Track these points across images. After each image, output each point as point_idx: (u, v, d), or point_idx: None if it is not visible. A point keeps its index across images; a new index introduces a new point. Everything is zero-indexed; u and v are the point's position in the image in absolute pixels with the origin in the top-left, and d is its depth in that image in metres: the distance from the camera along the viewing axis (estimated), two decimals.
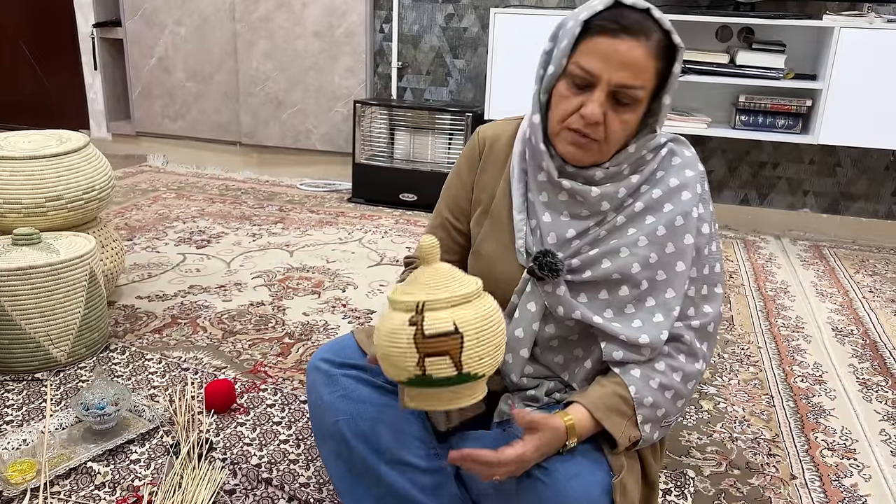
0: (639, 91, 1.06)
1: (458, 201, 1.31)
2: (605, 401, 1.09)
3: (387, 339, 0.93)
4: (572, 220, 1.16)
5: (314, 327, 2.12)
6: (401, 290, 0.96)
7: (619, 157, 1.13)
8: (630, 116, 1.08)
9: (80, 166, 2.04)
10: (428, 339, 0.90)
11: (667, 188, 1.14)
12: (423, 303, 0.92)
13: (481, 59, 3.51)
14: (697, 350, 1.14)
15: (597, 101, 1.06)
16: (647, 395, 1.10)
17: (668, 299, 1.12)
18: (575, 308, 1.14)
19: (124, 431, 1.56)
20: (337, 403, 1.20)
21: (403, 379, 0.94)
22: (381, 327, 0.95)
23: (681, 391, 1.13)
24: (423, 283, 0.95)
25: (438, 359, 0.90)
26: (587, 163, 1.13)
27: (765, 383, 1.92)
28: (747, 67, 2.98)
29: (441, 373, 0.91)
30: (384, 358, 0.95)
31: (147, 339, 2.01)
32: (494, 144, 1.27)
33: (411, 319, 0.91)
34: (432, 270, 0.96)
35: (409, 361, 0.91)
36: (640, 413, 1.09)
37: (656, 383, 1.11)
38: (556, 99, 1.11)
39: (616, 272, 1.12)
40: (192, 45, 3.87)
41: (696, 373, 1.15)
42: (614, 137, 1.09)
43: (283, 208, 3.38)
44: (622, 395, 1.10)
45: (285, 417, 1.65)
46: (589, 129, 1.08)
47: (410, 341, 0.90)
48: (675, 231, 1.13)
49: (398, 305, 0.94)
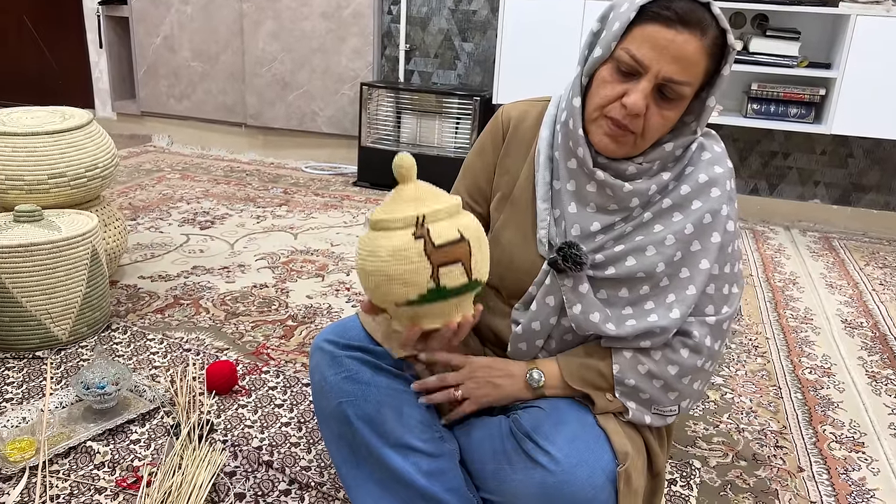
0: (685, 88, 1.02)
1: (478, 183, 1.27)
2: (580, 371, 1.13)
3: (393, 259, 0.90)
4: (598, 214, 1.13)
5: (317, 310, 2.10)
6: (386, 210, 0.94)
7: (654, 154, 1.10)
8: (672, 113, 1.05)
9: (84, 143, 2.01)
10: (438, 248, 0.90)
11: (696, 184, 1.11)
12: (424, 215, 0.91)
13: (490, 42, 3.47)
14: (704, 347, 1.12)
15: (642, 91, 1.01)
16: (631, 377, 1.10)
17: (687, 296, 1.10)
18: (593, 306, 1.11)
19: (125, 411, 1.55)
20: (341, 385, 1.18)
21: (414, 296, 0.91)
22: (378, 250, 0.92)
23: (673, 384, 1.11)
24: (411, 198, 0.94)
25: (451, 267, 0.91)
26: (619, 155, 1.09)
27: (772, 374, 1.90)
28: (760, 55, 2.94)
29: (454, 281, 0.91)
30: (389, 280, 0.92)
31: (149, 319, 1.99)
32: (519, 126, 1.23)
33: (416, 233, 0.90)
34: (414, 186, 0.95)
35: (423, 275, 0.90)
36: (619, 390, 1.10)
37: (644, 369, 1.10)
38: (598, 83, 1.07)
39: (641, 271, 1.10)
40: (197, 23, 3.83)
41: (695, 369, 1.12)
42: (651, 133, 1.06)
43: (288, 191, 3.35)
44: (601, 371, 1.11)
45: (287, 400, 1.63)
46: (628, 119, 1.04)
47: (421, 254, 0.90)
48: (702, 229, 1.10)
49: (393, 223, 0.92)
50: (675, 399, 1.14)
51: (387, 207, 0.95)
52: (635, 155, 1.10)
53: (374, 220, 0.95)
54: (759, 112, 3.05)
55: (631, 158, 1.10)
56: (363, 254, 0.95)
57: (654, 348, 1.10)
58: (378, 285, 0.94)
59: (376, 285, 0.94)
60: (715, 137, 1.18)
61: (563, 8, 3.06)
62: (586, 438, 1.09)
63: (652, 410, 1.13)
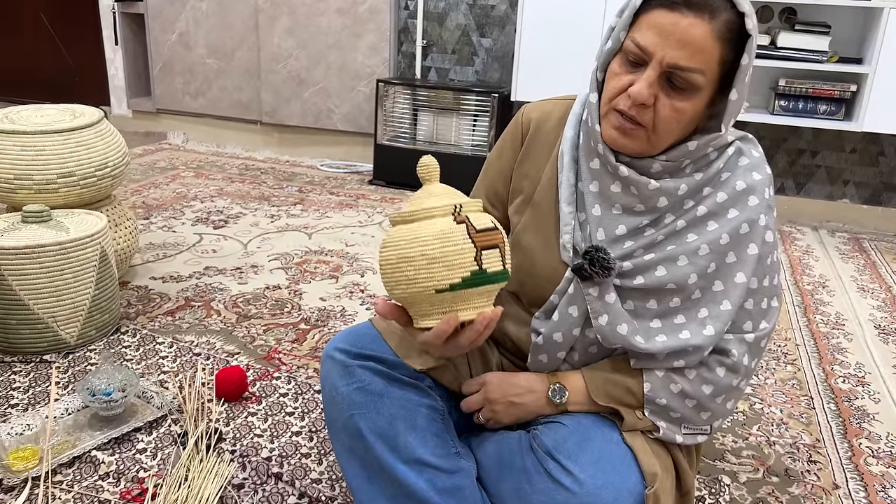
0: (696, 76, 0.95)
1: (496, 186, 1.22)
2: (606, 387, 1.08)
3: (438, 241, 0.90)
4: (624, 215, 1.07)
5: (331, 313, 2.05)
6: (419, 203, 0.94)
7: (677, 153, 1.03)
8: (684, 104, 0.97)
9: (94, 142, 1.97)
10: (480, 232, 0.91)
11: (732, 192, 1.04)
12: (460, 204, 0.93)
13: (509, 37, 3.40)
14: (742, 366, 1.06)
15: (646, 80, 0.96)
16: (663, 396, 1.05)
17: (722, 311, 1.04)
18: (619, 317, 1.05)
19: (132, 418, 1.50)
20: (352, 396, 1.13)
21: (458, 279, 0.90)
22: (421, 234, 0.91)
23: (706, 404, 1.06)
24: (441, 192, 0.95)
25: (491, 252, 0.92)
26: (632, 151, 1.03)
27: (803, 383, 1.82)
28: (788, 49, 2.84)
29: (494, 266, 0.92)
30: (432, 263, 0.90)
31: (159, 322, 1.95)
32: (541, 127, 1.17)
33: (456, 218, 0.91)
34: (439, 186, 0.97)
35: (468, 256, 0.90)
36: (648, 408, 1.05)
37: (677, 388, 1.05)
38: (609, 76, 1.02)
39: (672, 282, 1.04)
40: (213, 20, 3.79)
41: (730, 388, 1.07)
42: (664, 125, 0.99)
43: (303, 189, 3.30)
44: (629, 388, 1.06)
45: (298, 408, 1.58)
46: (634, 110, 0.98)
47: (466, 236, 0.90)
48: (738, 240, 1.04)
49: (433, 211, 0.93)
50: (708, 419, 1.08)
51: (418, 202, 0.95)
52: (654, 154, 1.03)
53: (408, 211, 0.94)
54: (786, 109, 2.95)
55: (654, 156, 1.04)
56: (401, 243, 0.92)
57: (688, 367, 1.04)
58: (419, 272, 0.91)
59: (416, 271, 0.91)
60: (753, 142, 1.11)
61: (583, 1, 2.98)
62: (612, 458, 1.03)
63: (683, 430, 1.07)
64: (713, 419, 1.09)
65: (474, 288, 0.91)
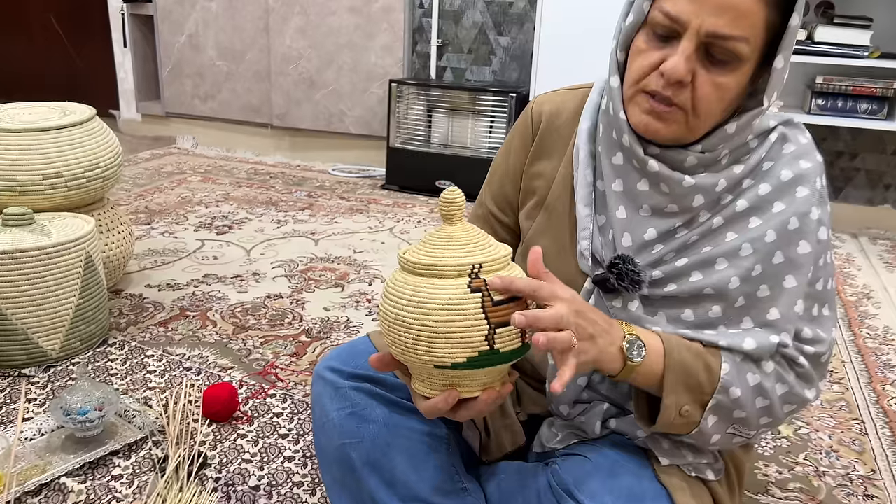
0: (740, 44, 0.80)
1: (504, 189, 1.07)
2: (684, 356, 0.85)
3: (444, 313, 0.75)
4: (653, 218, 0.91)
5: (334, 324, 1.91)
6: (432, 252, 0.78)
7: (714, 139, 0.87)
8: (727, 79, 0.82)
9: (83, 141, 1.85)
10: (497, 305, 0.75)
11: (777, 182, 0.89)
12: (480, 264, 0.76)
13: (528, 36, 3.25)
14: (814, 377, 0.89)
15: (682, 53, 0.80)
16: (737, 386, 0.86)
17: (771, 321, 0.87)
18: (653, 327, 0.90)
19: (110, 440, 1.37)
20: (344, 423, 0.99)
21: (462, 360, 0.75)
22: (426, 300, 0.76)
23: (774, 408, 0.88)
24: (461, 242, 0.78)
25: (508, 329, 0.76)
26: (666, 138, 0.87)
27: (853, 405, 1.64)
28: (827, 45, 2.67)
29: (509, 345, 0.77)
30: (433, 338, 0.75)
31: (150, 333, 1.82)
32: (554, 121, 1.02)
33: (472, 285, 0.75)
34: (462, 229, 0.80)
35: (477, 335, 0.75)
36: (716, 399, 0.85)
37: (755, 380, 0.87)
38: (633, 54, 0.87)
39: (709, 287, 0.88)
40: (223, 21, 3.69)
41: (801, 399, 0.90)
42: (705, 106, 0.83)
43: (313, 194, 3.17)
44: (708, 364, 0.86)
45: (293, 430, 1.44)
46: (670, 90, 0.82)
47: (479, 310, 0.75)
48: (788, 237, 0.87)
49: (444, 270, 0.76)
50: (764, 426, 0.91)
51: (431, 249, 0.78)
52: (691, 141, 0.88)
53: (416, 261, 0.78)
54: (824, 108, 2.77)
55: (687, 147, 0.88)
56: (401, 302, 0.77)
57: (764, 359, 0.87)
58: (417, 342, 0.76)
59: (414, 342, 0.76)
60: (799, 127, 0.95)
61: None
62: (643, 497, 0.87)
63: (728, 431, 0.90)
64: (767, 428, 0.93)
65: (481, 369, 0.77)
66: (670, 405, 0.85)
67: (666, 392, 0.85)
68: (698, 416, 0.86)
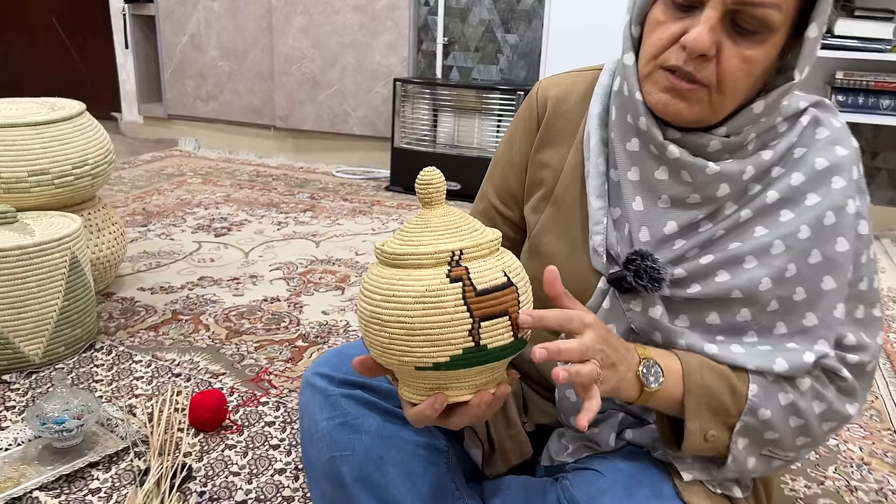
0: (771, 11, 0.71)
1: (507, 181, 0.98)
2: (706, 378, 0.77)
3: (420, 307, 0.66)
4: (673, 209, 0.82)
5: (333, 328, 1.82)
6: (408, 240, 0.69)
7: (740, 120, 0.78)
8: (756, 52, 0.73)
9: (71, 137, 1.78)
10: (481, 295, 0.66)
11: (811, 172, 0.79)
12: (461, 250, 0.67)
13: (536, 33, 3.16)
14: (857, 391, 0.80)
15: (706, 22, 0.71)
16: (767, 407, 0.77)
17: (808, 327, 0.78)
18: (678, 335, 0.80)
19: (90, 451, 1.28)
20: (334, 434, 0.90)
21: (444, 358, 0.66)
22: (400, 293, 0.67)
23: (811, 427, 0.79)
24: (441, 227, 0.69)
25: (495, 321, 0.67)
26: (687, 120, 0.78)
27: (884, 415, 1.54)
28: (847, 38, 2.57)
29: (498, 340, 0.67)
30: (411, 336, 0.66)
31: (140, 338, 1.73)
32: (561, 105, 0.93)
33: (452, 273, 0.66)
34: (444, 211, 0.71)
35: (460, 329, 0.66)
36: (743, 421, 0.77)
37: (787, 399, 0.78)
38: (650, 28, 0.78)
39: (737, 289, 0.79)
40: (225, 20, 3.62)
41: (842, 416, 0.81)
42: (731, 82, 0.74)
43: (315, 196, 3.09)
44: (733, 386, 0.77)
45: (285, 440, 1.35)
46: (692, 65, 0.73)
47: (460, 301, 0.66)
48: (823, 233, 0.78)
49: (421, 258, 0.67)
50: (802, 447, 0.82)
51: (408, 237, 0.69)
52: (715, 123, 0.79)
53: (390, 251, 0.69)
54: (844, 104, 2.67)
55: (710, 130, 0.79)
56: (375, 298, 0.68)
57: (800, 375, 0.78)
58: (393, 342, 0.67)
59: (390, 341, 0.67)
60: (831, 109, 0.85)
61: None
62: None
63: (762, 453, 0.80)
64: (808, 448, 0.83)
65: (469, 368, 0.68)
66: (694, 430, 0.77)
67: (688, 416, 0.77)
68: (726, 439, 0.78)
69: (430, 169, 0.71)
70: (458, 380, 0.69)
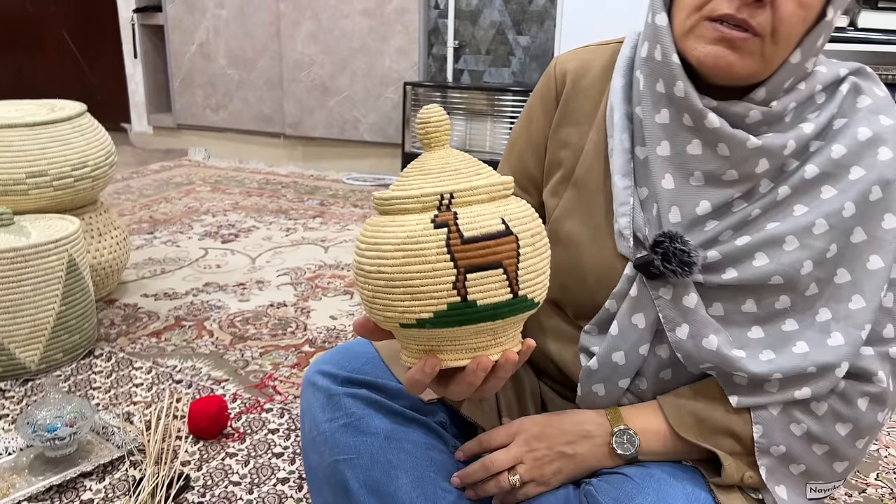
0: None
1: (525, 162, 0.91)
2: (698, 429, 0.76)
3: (399, 255, 0.59)
4: (707, 187, 0.75)
5: (340, 333, 1.75)
6: (401, 185, 0.63)
7: (781, 74, 0.71)
8: None
9: (70, 138, 1.73)
10: (469, 243, 0.58)
11: (854, 143, 0.72)
12: (451, 193, 0.60)
13: (548, 34, 3.10)
14: (889, 395, 0.73)
15: None
16: (780, 442, 0.71)
17: (853, 311, 0.71)
18: (706, 329, 0.73)
19: (83, 460, 1.22)
20: (337, 436, 0.84)
21: (427, 314, 0.59)
22: (381, 241, 0.60)
23: (841, 450, 0.73)
24: (435, 169, 0.62)
25: (486, 274, 0.59)
26: (737, 76, 0.71)
27: None
28: (871, 31, 2.48)
29: (489, 296, 0.59)
30: (391, 287, 0.60)
31: (141, 344, 1.67)
32: (580, 81, 0.86)
33: (437, 219, 0.59)
34: (444, 154, 0.64)
35: (443, 283, 0.58)
36: (762, 463, 0.73)
37: (801, 429, 0.72)
38: None
39: (776, 273, 0.71)
40: (234, 28, 3.59)
41: (874, 427, 0.74)
42: (787, 29, 0.67)
43: (325, 202, 3.03)
44: (732, 430, 0.73)
45: (289, 448, 1.27)
46: (746, 11, 0.66)
47: (442, 249, 0.58)
48: (869, 209, 0.71)
49: (405, 202, 0.60)
50: (843, 471, 0.74)
51: (403, 181, 0.63)
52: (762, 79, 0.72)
53: (381, 197, 0.62)
54: None
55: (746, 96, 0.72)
56: (360, 247, 0.62)
57: (814, 399, 0.71)
58: (377, 294, 0.60)
59: (374, 294, 0.61)
60: (873, 77, 0.78)
61: None
62: None
63: (809, 490, 0.73)
64: (849, 469, 0.76)
65: (459, 327, 0.60)
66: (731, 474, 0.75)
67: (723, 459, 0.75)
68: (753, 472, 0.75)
69: (431, 106, 0.65)
70: (450, 341, 0.62)
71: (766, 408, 0.72)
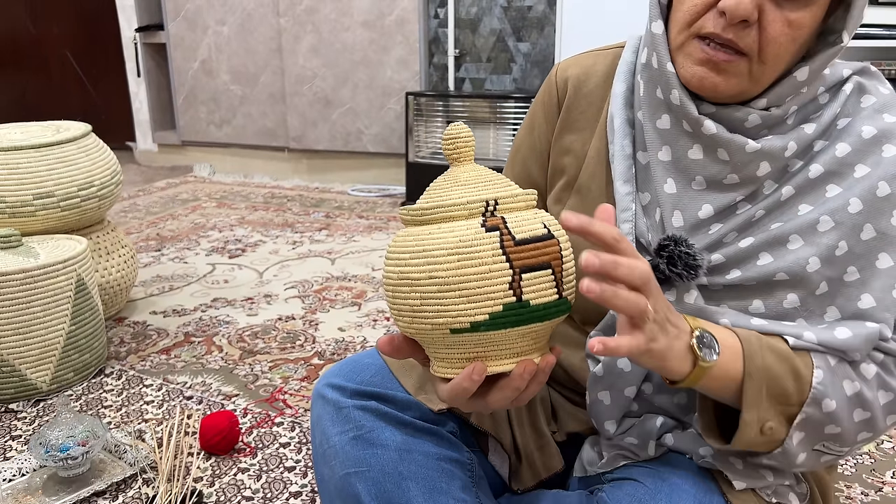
0: None
1: (529, 169, 0.92)
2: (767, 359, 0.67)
3: (455, 258, 0.60)
4: (709, 191, 0.75)
5: (350, 345, 1.75)
6: (436, 196, 0.65)
7: (783, 88, 0.71)
8: (802, 15, 0.67)
9: (76, 158, 1.74)
10: (521, 245, 0.61)
11: (858, 141, 0.72)
12: (496, 199, 0.63)
13: (549, 40, 3.11)
14: None
15: None
16: (832, 397, 0.68)
17: (862, 310, 0.70)
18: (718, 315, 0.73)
19: (96, 479, 1.22)
20: (348, 448, 0.83)
21: (483, 316, 0.60)
22: (431, 247, 0.61)
23: (876, 421, 0.71)
24: (471, 180, 0.65)
25: (539, 274, 0.61)
26: (726, 94, 0.71)
27: None
28: (871, 27, 2.48)
29: (542, 296, 0.61)
30: (445, 291, 0.60)
31: (151, 361, 1.67)
32: (582, 87, 0.87)
33: (487, 223, 0.61)
34: (472, 168, 0.66)
35: (499, 283, 0.60)
36: (805, 412, 0.67)
37: (853, 388, 0.69)
38: None
39: (782, 271, 0.71)
40: (235, 44, 3.61)
41: None
42: (774, 50, 0.68)
43: (330, 214, 3.04)
44: (796, 369, 0.67)
45: (301, 461, 1.27)
46: (731, 31, 0.67)
47: (497, 251, 0.60)
48: (877, 206, 0.71)
49: (452, 210, 0.62)
50: (862, 441, 0.73)
51: (437, 193, 0.64)
52: (754, 96, 0.72)
53: (420, 208, 0.63)
54: None
55: (748, 102, 0.72)
56: (403, 257, 0.63)
57: (864, 360, 0.70)
58: (426, 302, 0.61)
59: (422, 303, 0.61)
60: (877, 76, 0.78)
61: None
62: None
63: (815, 447, 0.71)
64: (864, 443, 0.74)
65: (511, 328, 0.61)
66: (751, 421, 0.67)
67: (746, 405, 0.67)
68: (783, 433, 0.68)
69: (457, 124, 0.67)
70: (497, 345, 0.63)
71: (825, 355, 0.69)
